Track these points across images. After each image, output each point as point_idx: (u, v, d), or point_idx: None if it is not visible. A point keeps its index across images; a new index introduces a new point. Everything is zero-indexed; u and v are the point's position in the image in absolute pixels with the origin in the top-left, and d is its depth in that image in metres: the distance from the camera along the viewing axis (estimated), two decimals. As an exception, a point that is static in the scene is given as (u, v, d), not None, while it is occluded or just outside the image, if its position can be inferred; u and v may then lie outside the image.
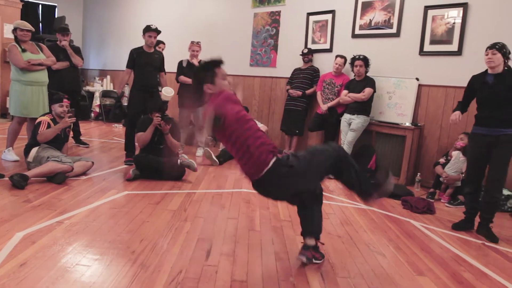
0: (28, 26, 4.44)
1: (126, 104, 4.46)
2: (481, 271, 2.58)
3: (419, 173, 4.69)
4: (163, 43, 5.96)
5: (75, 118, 4.14)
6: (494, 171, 3.18)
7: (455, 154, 4.24)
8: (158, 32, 4.75)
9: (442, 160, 4.38)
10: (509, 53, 3.16)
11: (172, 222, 2.97)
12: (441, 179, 4.28)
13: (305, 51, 5.72)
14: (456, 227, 3.39)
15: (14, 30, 4.42)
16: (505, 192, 4.03)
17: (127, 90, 4.49)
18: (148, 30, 4.68)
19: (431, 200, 4.06)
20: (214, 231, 2.88)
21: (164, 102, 4.41)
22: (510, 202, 3.99)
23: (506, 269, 2.65)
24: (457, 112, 3.34)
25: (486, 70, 3.25)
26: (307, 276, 2.31)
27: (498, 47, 3.11)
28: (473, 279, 2.45)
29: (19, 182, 3.43)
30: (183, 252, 2.47)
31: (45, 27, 9.39)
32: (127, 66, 4.82)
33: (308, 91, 5.64)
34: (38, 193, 3.40)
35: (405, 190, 4.27)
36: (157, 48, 5.68)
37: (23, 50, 4.39)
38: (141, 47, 4.79)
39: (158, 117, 4.07)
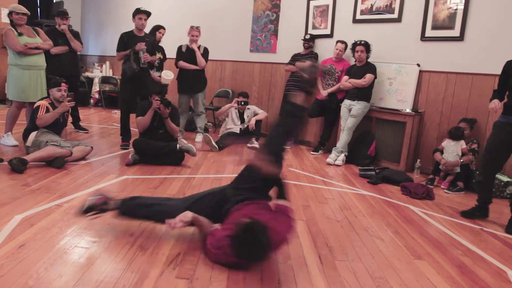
0: (23, 9, 4.39)
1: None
2: (479, 255, 2.59)
3: (418, 160, 4.68)
4: (163, 28, 5.89)
5: (74, 102, 4.12)
6: None
7: (445, 143, 4.26)
8: (148, 14, 4.69)
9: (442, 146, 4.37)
10: None
11: (171, 206, 2.96)
12: (440, 166, 4.28)
13: (307, 37, 5.66)
14: (466, 214, 3.31)
15: (10, 14, 4.37)
16: (504, 178, 4.03)
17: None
18: (138, 12, 4.64)
19: (430, 186, 4.06)
20: (213, 215, 2.88)
21: (163, 86, 4.36)
22: (509, 188, 3.99)
23: (503, 253, 2.66)
24: (496, 100, 3.07)
25: None
26: (305, 259, 2.31)
27: None
28: (471, 263, 2.45)
29: (18, 166, 3.43)
30: (181, 235, 2.47)
31: (43, 12, 9.29)
32: (118, 50, 4.78)
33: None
34: (37, 177, 3.40)
35: (404, 176, 4.27)
36: (157, 33, 5.64)
37: (20, 34, 4.35)
38: (131, 31, 4.75)
39: (157, 100, 4.05)
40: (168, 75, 4.64)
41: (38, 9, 9.27)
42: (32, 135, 3.89)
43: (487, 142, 3.28)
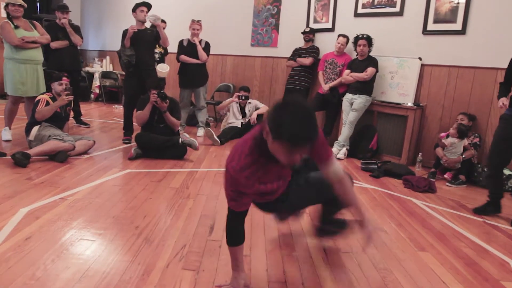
0: (19, 1, 4.35)
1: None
2: (481, 247, 2.61)
3: (420, 153, 4.69)
4: (164, 22, 5.88)
5: (72, 96, 4.10)
6: None
7: (449, 141, 4.21)
8: (149, 6, 4.66)
9: (443, 137, 4.35)
10: None
11: (175, 199, 2.98)
12: (441, 161, 4.29)
13: (307, 30, 5.65)
14: (478, 211, 3.26)
15: (6, 6, 4.33)
16: (507, 171, 4.03)
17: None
18: (139, 5, 4.62)
19: (432, 180, 4.07)
20: (216, 208, 2.89)
21: (160, 79, 4.35)
22: (511, 181, 4.00)
23: (506, 245, 2.67)
24: (502, 99, 3.05)
25: None
26: (310, 251, 2.32)
27: None
28: (474, 255, 2.47)
29: (21, 160, 3.43)
30: (186, 228, 2.48)
31: (42, 6, 9.24)
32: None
33: (306, 61, 5.59)
34: (40, 171, 3.40)
35: (406, 170, 4.28)
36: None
37: (16, 27, 4.30)
38: None
39: (154, 94, 4.04)
40: (163, 68, 4.62)
41: (38, 3, 9.23)
42: (35, 129, 3.89)
43: (494, 135, 3.24)
